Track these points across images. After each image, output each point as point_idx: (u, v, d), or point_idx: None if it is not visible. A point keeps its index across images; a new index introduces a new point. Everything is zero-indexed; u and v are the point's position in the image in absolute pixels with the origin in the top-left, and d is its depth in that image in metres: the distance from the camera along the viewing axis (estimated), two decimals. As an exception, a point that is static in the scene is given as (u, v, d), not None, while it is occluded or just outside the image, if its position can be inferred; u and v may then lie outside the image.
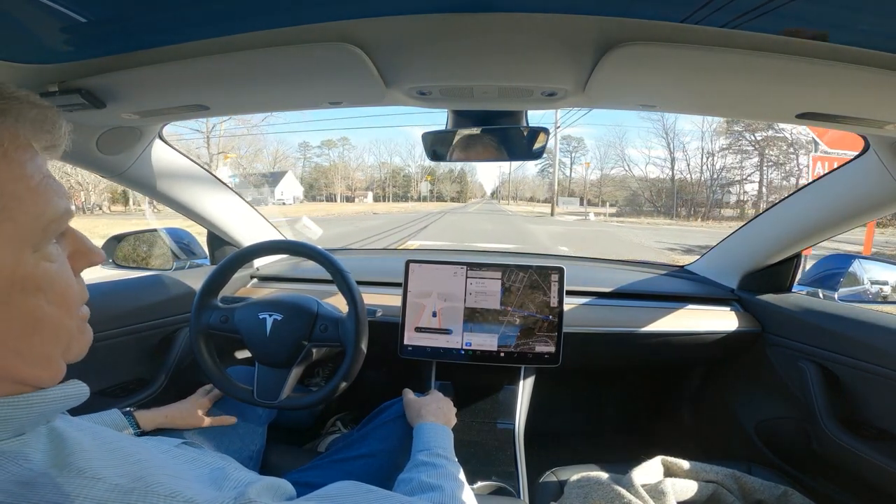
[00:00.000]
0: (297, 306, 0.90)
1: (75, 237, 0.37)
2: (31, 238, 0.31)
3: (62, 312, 0.34)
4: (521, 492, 0.96)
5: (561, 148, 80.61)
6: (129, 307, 1.05)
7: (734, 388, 1.36)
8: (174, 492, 0.31)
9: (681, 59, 0.57)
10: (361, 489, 0.46)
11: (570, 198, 54.37)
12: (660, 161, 44.39)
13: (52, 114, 0.35)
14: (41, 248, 0.32)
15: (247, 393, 0.86)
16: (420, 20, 0.54)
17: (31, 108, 0.33)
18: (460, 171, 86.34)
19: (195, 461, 0.41)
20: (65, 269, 0.35)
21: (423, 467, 0.63)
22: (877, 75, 0.54)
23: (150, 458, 0.35)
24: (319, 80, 0.70)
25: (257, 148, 43.11)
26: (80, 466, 0.31)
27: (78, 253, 0.37)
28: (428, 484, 0.58)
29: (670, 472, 0.90)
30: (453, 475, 0.62)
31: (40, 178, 0.32)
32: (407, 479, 0.61)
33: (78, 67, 0.64)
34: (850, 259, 1.25)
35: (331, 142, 76.72)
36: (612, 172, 57.11)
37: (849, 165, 0.93)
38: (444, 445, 0.72)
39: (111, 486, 0.30)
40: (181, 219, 1.29)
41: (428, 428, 0.76)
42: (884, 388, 0.92)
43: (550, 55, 0.61)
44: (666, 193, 37.32)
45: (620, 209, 39.21)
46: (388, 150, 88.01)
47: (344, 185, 71.26)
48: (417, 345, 1.15)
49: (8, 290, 0.30)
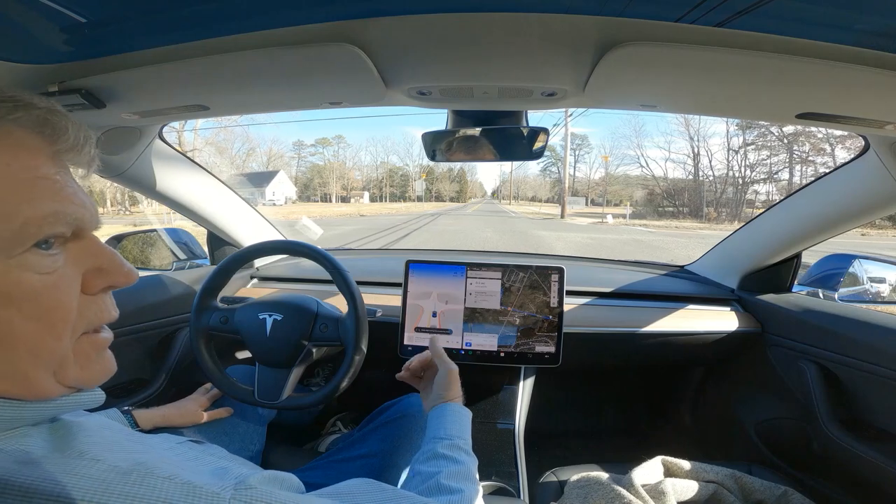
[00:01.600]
0: (297, 306, 0.90)
1: (99, 253, 0.35)
2: (1, 241, 0.29)
3: (44, 331, 0.31)
4: (522, 492, 0.96)
5: (564, 146, 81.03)
6: (129, 307, 1.05)
7: (734, 388, 1.36)
8: (173, 474, 0.31)
9: (680, 59, 0.57)
10: (374, 486, 0.45)
11: (575, 197, 51.86)
12: (680, 156, 40.90)
13: (56, 118, 0.33)
14: (15, 255, 0.29)
15: (247, 393, 0.86)
16: (420, 20, 0.54)
17: (36, 111, 0.32)
18: (459, 171, 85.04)
19: (196, 458, 0.41)
20: (61, 285, 0.32)
21: (444, 462, 0.57)
22: (877, 75, 0.54)
23: (151, 448, 0.35)
24: (319, 80, 0.70)
25: (251, 147, 42.54)
26: (81, 449, 0.31)
27: (100, 270, 0.35)
28: (447, 487, 0.53)
29: (670, 472, 0.90)
30: (473, 476, 0.57)
31: (26, 177, 0.30)
32: (425, 473, 0.56)
33: (78, 67, 0.64)
34: (850, 259, 1.25)
35: (325, 140, 75.43)
36: (617, 171, 55.15)
37: (849, 166, 0.93)
38: (466, 436, 0.65)
39: (110, 467, 0.30)
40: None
41: (453, 410, 0.68)
42: (884, 389, 0.92)
43: (550, 55, 0.61)
44: (688, 192, 34.01)
45: (637, 210, 35.04)
46: (386, 149, 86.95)
47: (339, 184, 70.08)
48: (417, 345, 1.15)
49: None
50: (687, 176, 35.72)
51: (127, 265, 0.36)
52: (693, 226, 23.53)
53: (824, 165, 27.68)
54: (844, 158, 0.77)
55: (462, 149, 0.95)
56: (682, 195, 34.61)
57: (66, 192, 0.32)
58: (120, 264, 0.36)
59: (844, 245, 7.46)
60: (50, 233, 0.31)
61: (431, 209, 40.74)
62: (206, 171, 1.20)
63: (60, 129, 0.33)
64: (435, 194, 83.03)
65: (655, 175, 38.42)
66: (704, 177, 34.09)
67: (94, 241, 0.35)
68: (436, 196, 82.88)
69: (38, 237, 0.30)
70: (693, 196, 33.69)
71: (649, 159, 42.04)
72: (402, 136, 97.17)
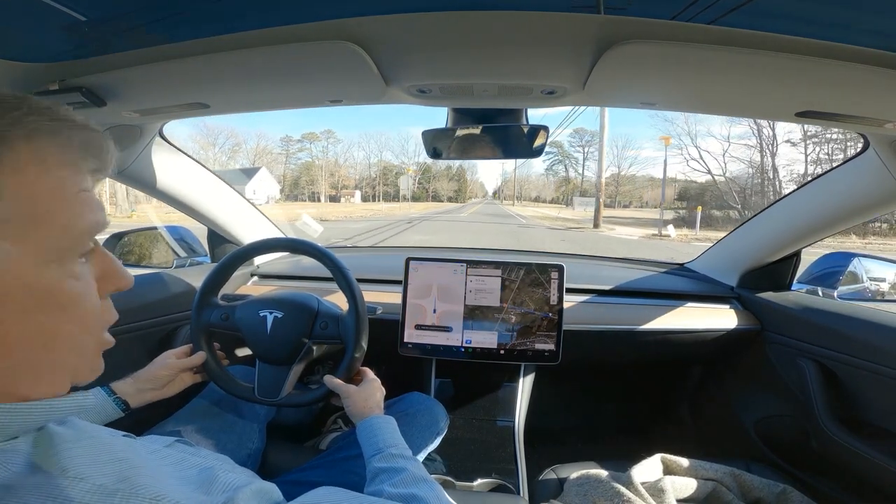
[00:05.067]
0: (297, 304, 0.90)
1: (105, 259, 0.37)
2: (57, 250, 0.32)
3: (84, 332, 0.34)
4: (521, 489, 0.97)
5: (572, 142, 71.66)
6: (129, 305, 1.06)
7: (733, 385, 1.36)
8: (159, 494, 0.31)
9: (680, 57, 0.57)
10: (341, 495, 0.45)
11: (584, 198, 42.46)
12: (743, 147, 29.05)
13: (100, 138, 0.35)
14: (66, 264, 0.32)
15: (247, 390, 0.87)
16: (420, 18, 0.54)
17: (81, 131, 0.34)
18: (458, 169, 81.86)
19: (183, 462, 0.41)
20: (90, 290, 0.35)
21: (385, 475, 0.58)
22: (876, 74, 0.54)
23: (135, 457, 0.35)
24: (320, 78, 0.70)
25: (236, 142, 40.24)
26: (64, 465, 0.30)
27: (106, 275, 0.37)
28: (398, 494, 0.53)
29: (669, 469, 0.90)
30: (418, 476, 0.58)
31: (76, 192, 0.33)
32: (375, 492, 0.56)
33: (78, 66, 0.64)
34: (849, 257, 1.25)
35: (313, 135, 70.40)
36: (630, 169, 49.20)
37: (848, 164, 0.93)
38: (394, 442, 0.66)
39: (94, 487, 0.30)
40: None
41: (371, 425, 0.70)
42: (882, 387, 0.92)
43: (550, 53, 0.61)
44: (754, 193, 24.75)
45: (690, 216, 20.66)
46: (380, 145, 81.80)
47: (328, 183, 66.38)
48: (417, 342, 1.16)
49: (25, 301, 0.30)
50: (753, 174, 26.21)
51: (125, 270, 0.39)
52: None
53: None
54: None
55: (462, 146, 0.95)
56: (747, 198, 24.36)
57: (97, 202, 0.35)
58: (121, 269, 0.38)
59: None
60: (91, 243, 0.35)
61: (418, 211, 34.41)
62: (207, 169, 1.20)
63: (104, 152, 0.36)
64: (432, 193, 79.01)
65: (712, 172, 27.24)
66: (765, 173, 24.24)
67: (100, 248, 0.37)
68: (433, 195, 78.74)
69: (86, 247, 0.34)
70: (759, 198, 23.80)
71: (704, 152, 28.80)
72: (397, 131, 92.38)
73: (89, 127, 0.35)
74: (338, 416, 1.38)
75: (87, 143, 0.34)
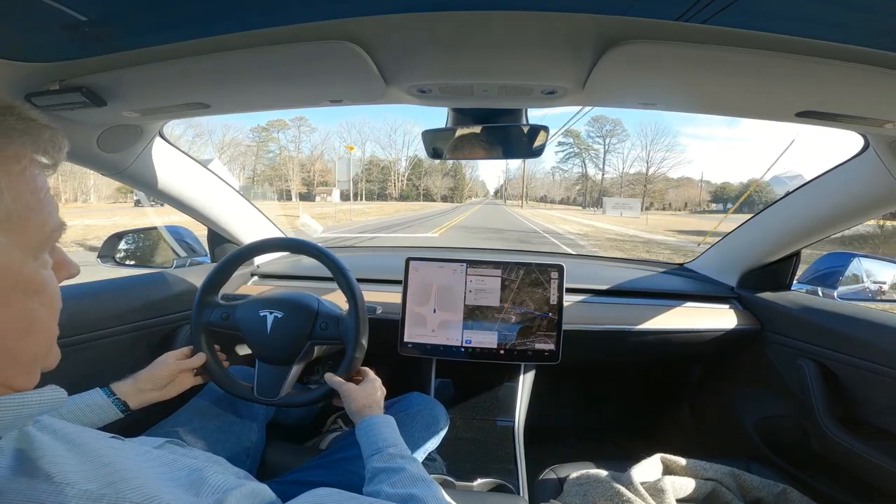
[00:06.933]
0: (297, 304, 0.90)
1: (58, 250, 0.40)
2: (36, 246, 0.34)
3: (51, 316, 0.37)
4: (521, 489, 0.97)
5: (591, 132, 62.70)
6: (130, 305, 1.06)
7: (733, 385, 1.36)
8: (146, 498, 0.31)
9: (680, 57, 0.57)
10: (338, 495, 0.45)
11: (618, 198, 33.63)
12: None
13: (60, 137, 0.37)
14: (40, 256, 0.35)
15: (246, 390, 0.87)
16: (420, 18, 0.54)
17: (45, 130, 0.35)
18: (455, 164, 69.38)
19: (173, 463, 0.41)
20: (53, 279, 0.38)
21: (384, 475, 0.59)
22: (876, 74, 0.54)
23: (122, 460, 0.35)
24: (320, 78, 0.70)
25: (198, 132, 34.36)
26: (49, 471, 0.30)
27: (60, 264, 0.40)
28: (396, 494, 0.53)
29: (669, 469, 0.90)
30: (416, 476, 0.58)
31: (45, 192, 0.36)
32: (374, 492, 0.56)
33: (79, 65, 0.64)
34: (849, 257, 1.26)
35: (281, 122, 59.22)
36: (661, 167, 42.05)
37: (848, 164, 0.94)
38: (393, 441, 0.66)
39: (80, 492, 0.30)
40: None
41: (371, 424, 0.70)
42: (882, 386, 0.92)
43: (550, 53, 0.61)
44: None
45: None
46: (363, 136, 70.80)
47: (300, 178, 57.85)
48: (417, 342, 1.16)
49: (11, 291, 0.33)
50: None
51: (72, 259, 0.41)
52: None
53: None
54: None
55: (462, 146, 0.95)
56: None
57: (56, 203, 0.37)
58: (70, 259, 0.41)
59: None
60: (59, 237, 0.38)
61: (401, 216, 23.55)
62: (206, 168, 1.20)
63: (61, 149, 0.38)
64: (423, 191, 69.51)
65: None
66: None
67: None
68: (424, 194, 69.42)
69: (56, 241, 0.37)
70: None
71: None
72: (383, 120, 79.07)
73: (51, 126, 0.36)
74: (338, 416, 1.38)
75: (52, 142, 0.36)
